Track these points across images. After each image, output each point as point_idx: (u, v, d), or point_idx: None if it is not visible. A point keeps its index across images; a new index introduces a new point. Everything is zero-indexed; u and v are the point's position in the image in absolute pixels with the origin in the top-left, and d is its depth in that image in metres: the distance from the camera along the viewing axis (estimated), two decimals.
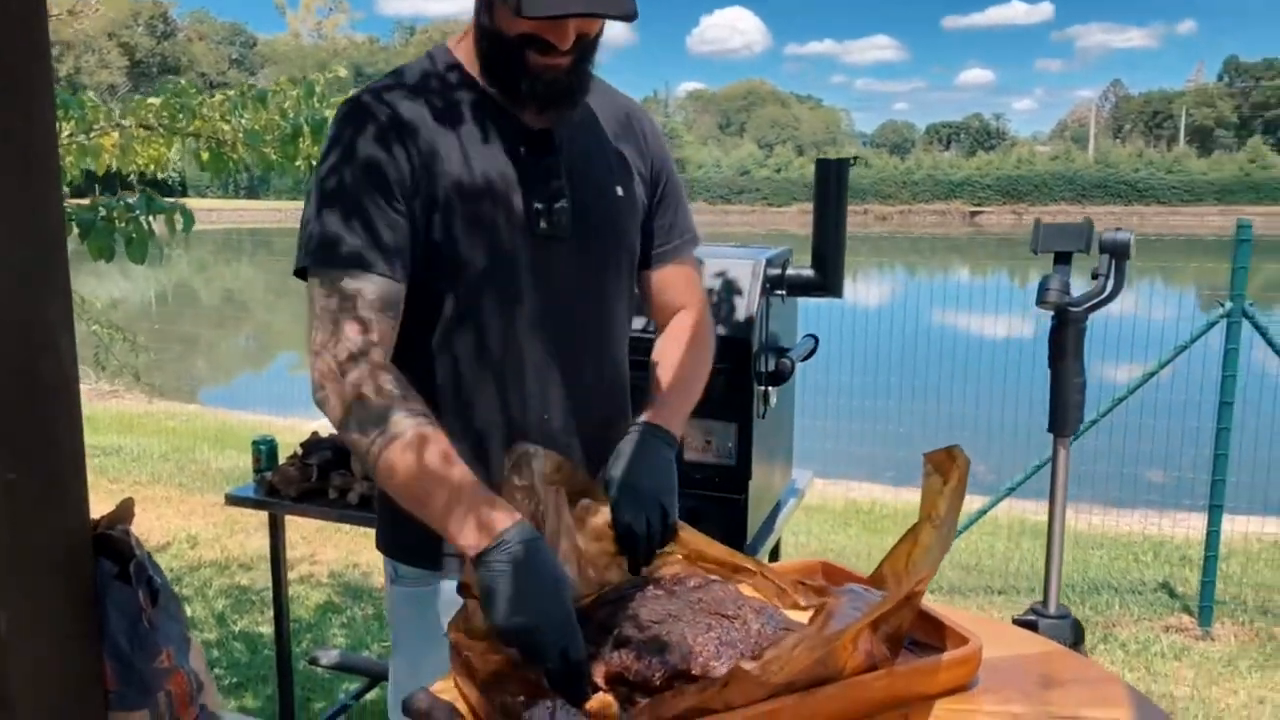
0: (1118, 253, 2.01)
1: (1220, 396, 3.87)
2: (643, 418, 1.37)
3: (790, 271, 2.27)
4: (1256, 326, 3.79)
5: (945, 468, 1.11)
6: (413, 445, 1.15)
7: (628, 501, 1.25)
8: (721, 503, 2.17)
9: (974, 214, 47.44)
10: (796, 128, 77.43)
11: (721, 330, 2.13)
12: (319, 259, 1.26)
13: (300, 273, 1.30)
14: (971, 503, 4.63)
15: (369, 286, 1.25)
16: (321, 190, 1.28)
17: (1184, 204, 41.99)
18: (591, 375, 1.41)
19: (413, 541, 1.36)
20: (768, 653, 0.99)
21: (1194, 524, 4.65)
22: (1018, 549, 4.81)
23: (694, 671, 1.03)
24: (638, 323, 1.53)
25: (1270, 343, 3.82)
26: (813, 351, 2.36)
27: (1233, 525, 4.30)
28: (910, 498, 5.75)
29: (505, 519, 1.10)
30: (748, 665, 0.94)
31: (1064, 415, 1.98)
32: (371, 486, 2.46)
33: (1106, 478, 4.91)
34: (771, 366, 2.20)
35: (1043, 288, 1.89)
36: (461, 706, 1.07)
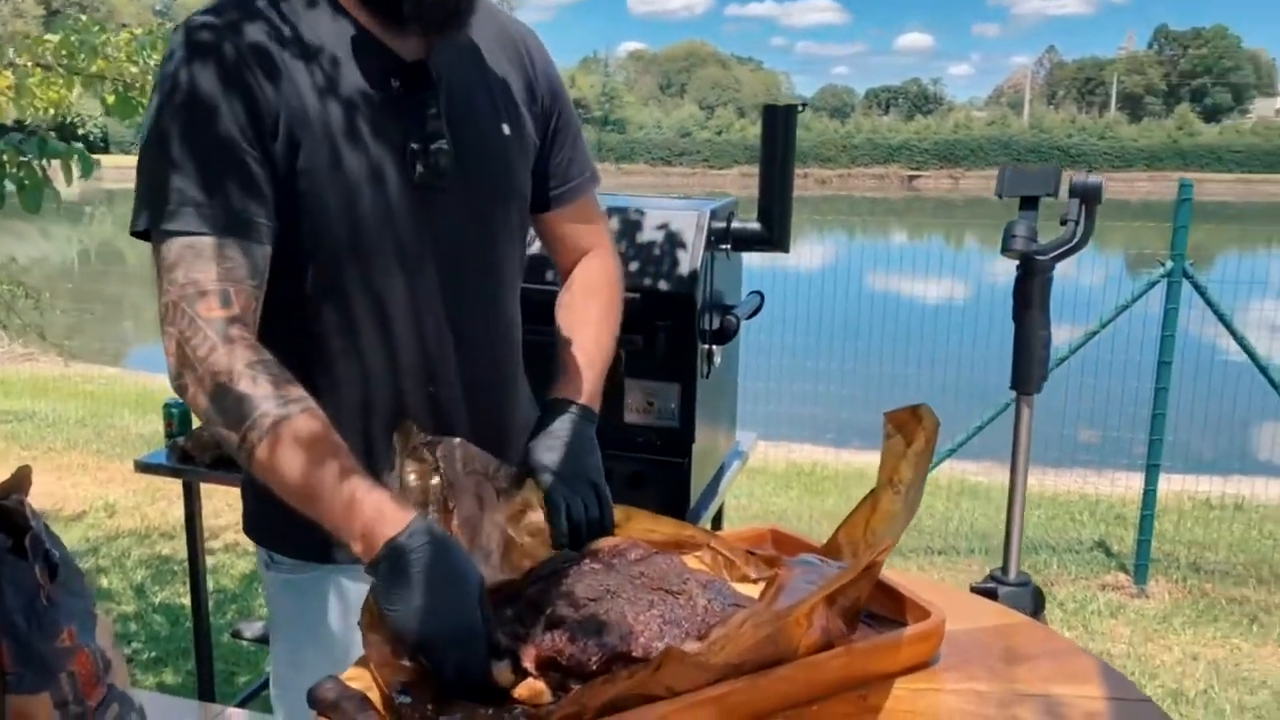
0: (1088, 197, 1.91)
1: (1159, 356, 3.88)
2: (561, 393, 1.25)
3: (735, 225, 2.17)
4: (1196, 286, 3.79)
5: (909, 429, 1.02)
6: (289, 439, 1.00)
7: (565, 488, 1.15)
8: (664, 467, 2.08)
9: (912, 178, 47.83)
10: (738, 90, 77.19)
11: (664, 286, 2.02)
12: (162, 218, 1.07)
13: (142, 234, 1.11)
14: None
15: (226, 251, 1.07)
16: (160, 135, 1.08)
17: (1115, 170, 42.74)
18: (481, 337, 1.27)
19: (286, 529, 1.21)
20: (714, 631, 0.89)
21: (1128, 483, 4.70)
22: (957, 509, 4.83)
23: (634, 653, 0.93)
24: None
25: (1209, 302, 3.83)
26: (758, 309, 2.27)
27: (1167, 484, 4.35)
28: (851, 459, 5.75)
29: (399, 520, 0.97)
30: (690, 646, 0.84)
31: (1028, 370, 1.86)
32: None
33: (1045, 439, 4.93)
34: (716, 324, 2.10)
35: (1008, 235, 1.77)
36: (376, 696, 0.96)
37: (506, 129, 1.27)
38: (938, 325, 5.83)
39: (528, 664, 0.94)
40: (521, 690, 0.93)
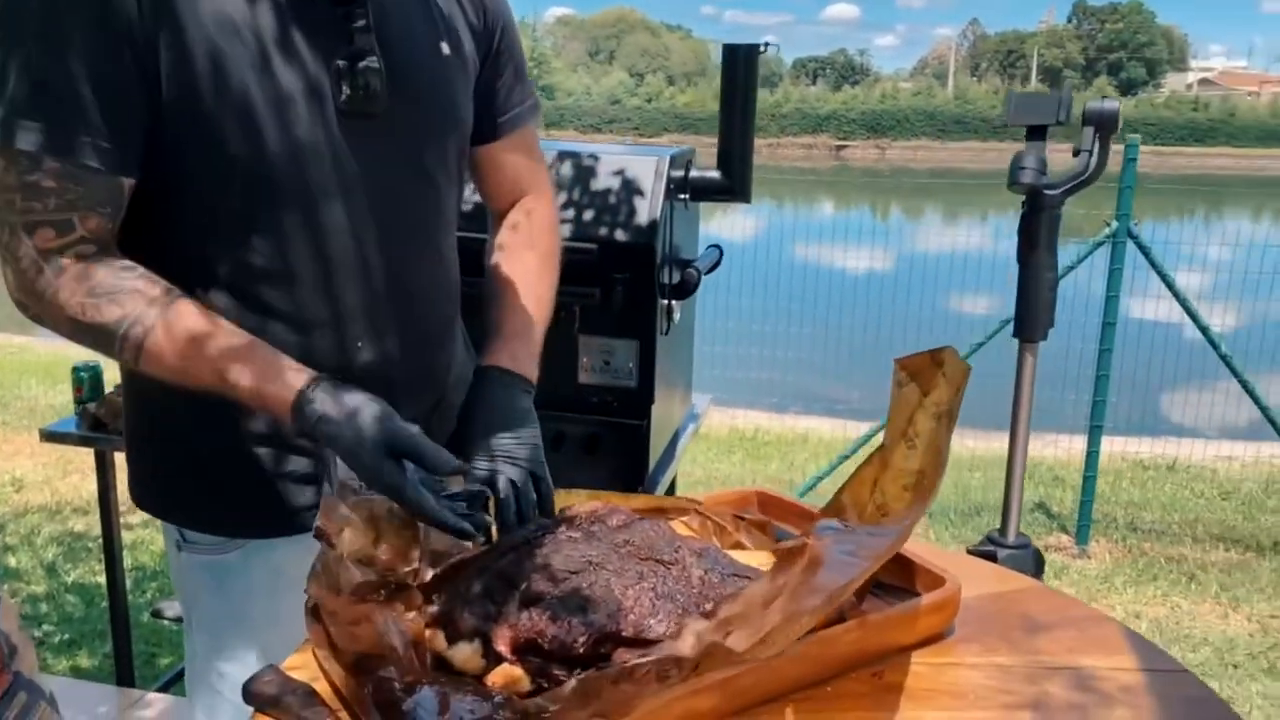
0: (1103, 125, 1.78)
1: (1103, 317, 3.87)
2: (495, 360, 1.13)
3: (694, 174, 2.05)
4: (1141, 247, 3.78)
5: (926, 376, 0.91)
6: (170, 328, 0.95)
7: (499, 462, 1.02)
8: (621, 430, 1.96)
9: (840, 148, 48.13)
10: (667, 58, 76.78)
11: (621, 236, 1.89)
12: (5, 133, 0.92)
13: None
14: (859, 428, 4.57)
15: (75, 180, 0.94)
16: (8, 41, 0.93)
17: None
18: (419, 284, 1.13)
19: (199, 499, 1.11)
20: (724, 609, 0.78)
21: (1065, 445, 4.72)
22: None
23: (624, 633, 0.81)
24: None
25: (1153, 263, 3.83)
26: (717, 263, 2.15)
27: (1111, 445, 4.38)
28: (793, 424, 5.70)
29: (301, 373, 0.95)
30: (735, 639, 0.70)
31: (1034, 317, 1.71)
32: None
33: (981, 402, 4.93)
34: (676, 278, 1.98)
35: (1015, 168, 1.63)
36: (323, 687, 0.83)
37: (446, 48, 1.12)
38: (870, 292, 5.83)
39: (501, 647, 0.82)
40: (495, 677, 0.81)
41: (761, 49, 2.01)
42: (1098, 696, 0.86)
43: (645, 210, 1.88)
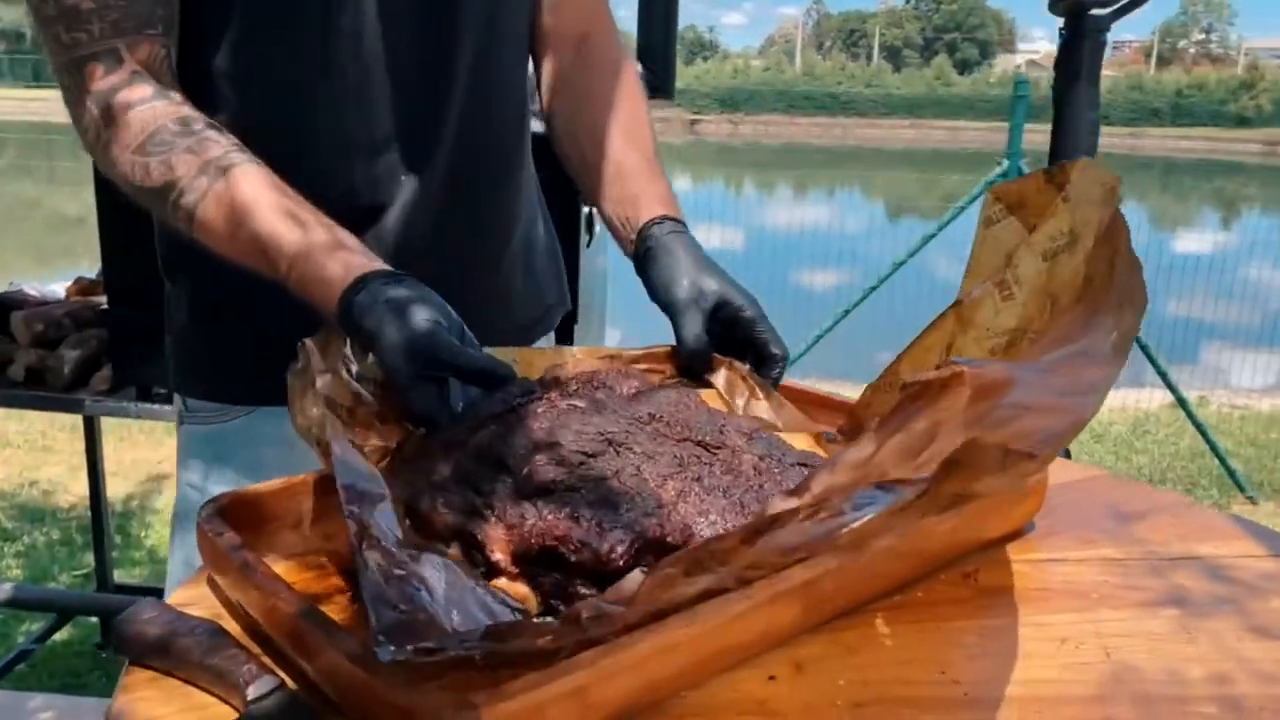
0: None
1: None
2: (657, 209, 0.93)
3: None
4: None
5: (1035, 205, 0.71)
6: (221, 200, 0.80)
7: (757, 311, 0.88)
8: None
9: (694, 122, 48.48)
10: None
11: (537, 127, 1.63)
12: None
13: None
14: None
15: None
16: None
17: (881, 117, 44.96)
18: (477, 109, 0.94)
19: (214, 365, 0.99)
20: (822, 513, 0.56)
21: None
22: None
23: (670, 538, 0.58)
24: None
25: None
26: None
27: None
28: None
29: (349, 266, 0.75)
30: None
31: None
32: (43, 357, 1.79)
33: (853, 355, 4.89)
34: None
35: None
36: (232, 627, 0.57)
37: None
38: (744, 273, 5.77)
39: (497, 554, 0.58)
40: (506, 584, 0.57)
41: None
42: (1242, 587, 0.69)
43: None
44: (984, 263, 0.73)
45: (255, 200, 0.79)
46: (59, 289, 2.07)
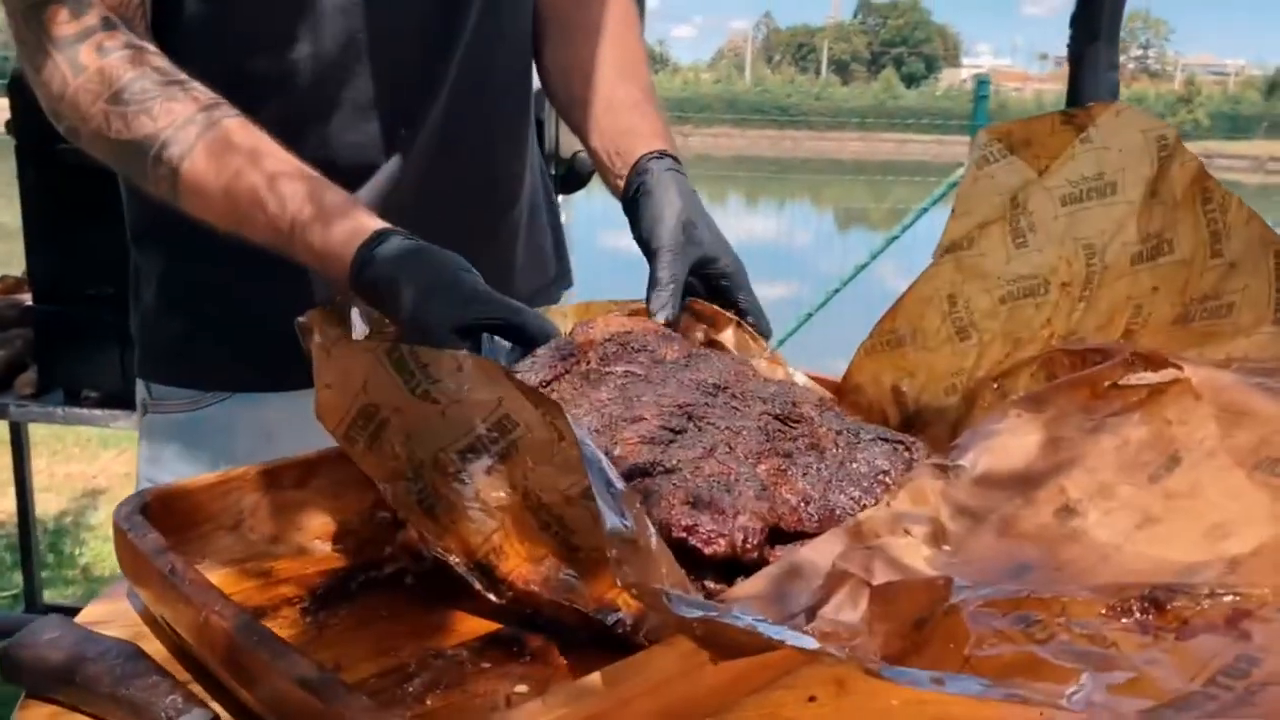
0: None
1: None
2: (649, 144, 0.84)
3: None
4: None
5: (1044, 144, 0.64)
6: (213, 152, 0.72)
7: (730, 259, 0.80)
8: None
9: None
10: None
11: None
12: None
13: None
14: None
15: None
16: None
17: (829, 129, 45.46)
18: (471, 67, 0.86)
19: (184, 349, 0.90)
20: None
21: None
22: None
23: (783, 524, 0.53)
24: None
25: None
26: None
27: None
28: None
29: (367, 221, 0.69)
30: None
31: None
32: None
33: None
34: (563, 169, 1.65)
35: None
36: (155, 648, 0.47)
37: None
38: None
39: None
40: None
41: None
42: None
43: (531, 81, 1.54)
44: (978, 204, 0.66)
45: (255, 149, 0.71)
46: None
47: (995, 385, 0.62)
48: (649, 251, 0.78)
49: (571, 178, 1.64)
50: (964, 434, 0.52)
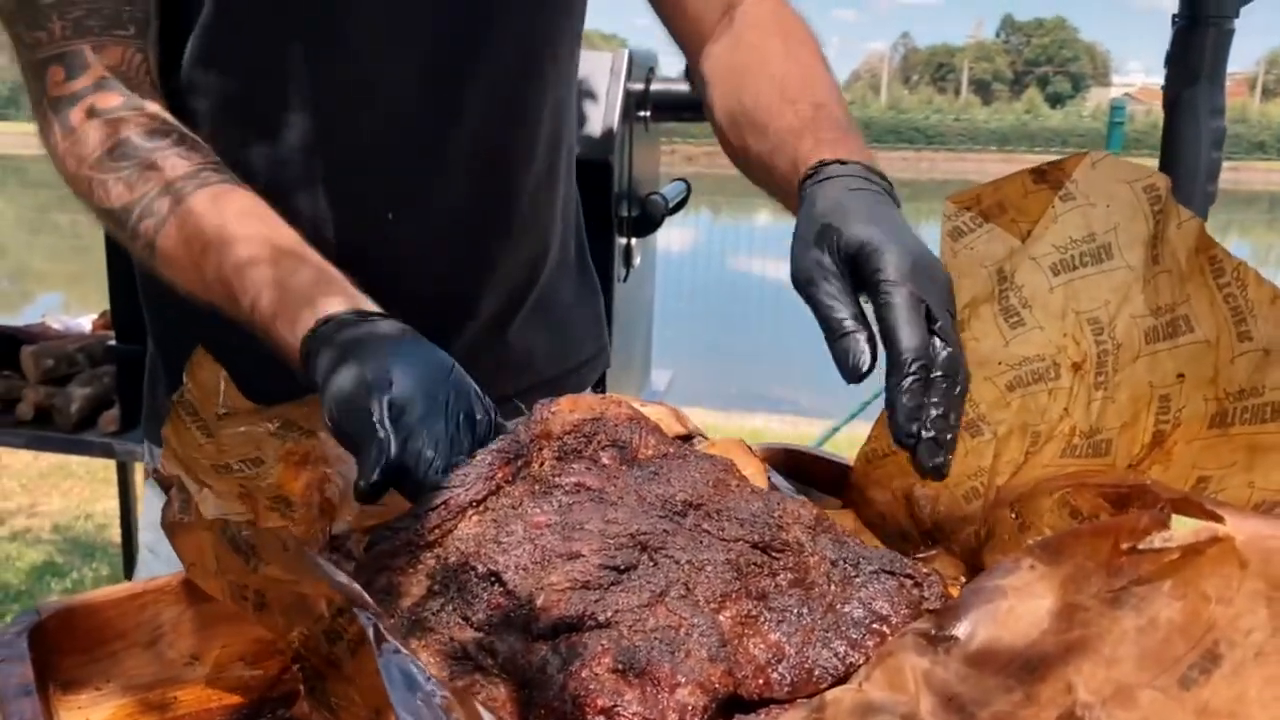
0: None
1: None
2: (825, 151, 0.66)
3: (657, 87, 1.66)
4: None
5: (1019, 206, 0.55)
6: (184, 226, 0.69)
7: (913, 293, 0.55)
8: None
9: None
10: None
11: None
12: None
13: None
14: (813, 427, 4.24)
15: None
16: None
17: (970, 151, 44.20)
18: (483, 142, 0.81)
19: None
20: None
21: None
22: None
23: (741, 690, 0.43)
24: None
25: None
26: (685, 199, 1.77)
27: None
28: (742, 422, 5.34)
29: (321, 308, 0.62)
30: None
31: (1188, 184, 1.20)
32: (51, 394, 1.70)
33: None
34: (637, 211, 1.59)
35: None
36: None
37: None
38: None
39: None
40: None
41: None
42: None
43: (599, 117, 1.48)
44: (960, 281, 0.57)
45: (220, 231, 0.67)
46: (85, 322, 2.00)
47: (1014, 515, 0.52)
48: (870, 286, 0.56)
49: (644, 220, 1.57)
50: (964, 591, 0.42)
